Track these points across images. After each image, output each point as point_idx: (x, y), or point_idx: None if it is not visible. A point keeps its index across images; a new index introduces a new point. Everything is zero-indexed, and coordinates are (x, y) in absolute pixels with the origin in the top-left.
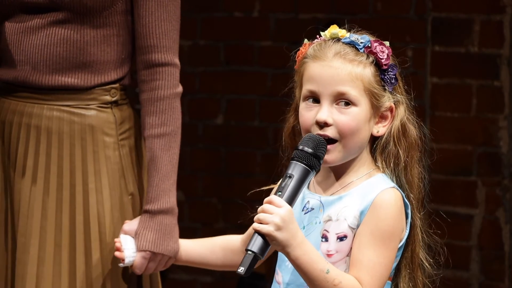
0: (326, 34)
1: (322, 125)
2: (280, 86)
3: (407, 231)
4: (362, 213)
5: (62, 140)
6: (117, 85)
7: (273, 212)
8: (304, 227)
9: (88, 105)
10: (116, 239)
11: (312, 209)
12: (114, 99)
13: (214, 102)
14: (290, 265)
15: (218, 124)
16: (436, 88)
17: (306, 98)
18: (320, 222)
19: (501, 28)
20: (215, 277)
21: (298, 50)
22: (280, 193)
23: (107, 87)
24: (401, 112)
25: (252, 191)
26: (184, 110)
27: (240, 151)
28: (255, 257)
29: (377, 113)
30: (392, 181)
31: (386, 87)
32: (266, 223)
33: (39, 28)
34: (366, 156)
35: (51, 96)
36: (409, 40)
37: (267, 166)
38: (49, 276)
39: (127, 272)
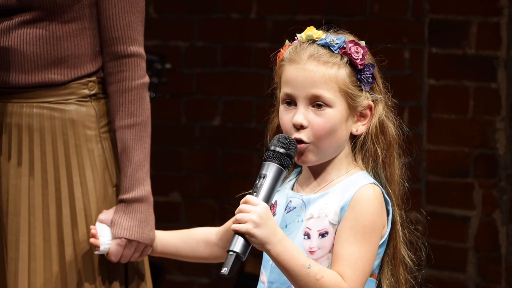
0: (302, 36)
1: (299, 127)
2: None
3: (389, 227)
4: (342, 209)
5: (44, 136)
6: (94, 78)
7: (250, 211)
8: (286, 226)
9: (67, 100)
10: (91, 226)
11: (294, 208)
12: (92, 92)
13: (211, 104)
14: (274, 264)
15: (215, 126)
16: (433, 90)
17: (283, 101)
18: (302, 221)
19: (498, 30)
20: (212, 279)
21: (279, 51)
22: (255, 193)
23: (84, 80)
24: (379, 110)
25: (240, 195)
26: (181, 111)
27: (237, 153)
28: (237, 257)
29: (355, 112)
30: (372, 177)
31: (362, 87)
32: (244, 222)
33: (11, 29)
34: (346, 154)
35: (30, 94)
36: (406, 41)
37: None
38: (40, 271)
39: (114, 264)
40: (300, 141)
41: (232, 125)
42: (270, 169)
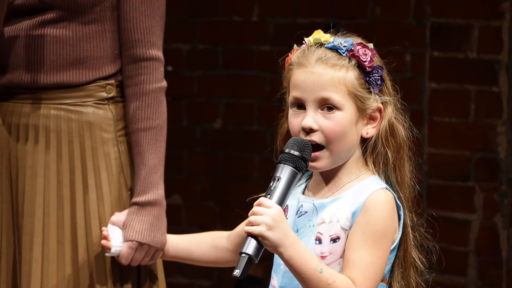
0: (310, 39)
1: (308, 131)
2: (279, 90)
3: (400, 232)
4: (354, 214)
5: (60, 138)
6: (112, 81)
7: (264, 213)
8: (297, 230)
9: (85, 102)
10: (103, 228)
11: (306, 212)
12: (110, 95)
13: (212, 106)
14: (285, 268)
15: (216, 128)
16: (434, 93)
17: (292, 105)
18: (313, 225)
19: (499, 34)
20: (212, 281)
21: (287, 56)
22: (269, 195)
23: (102, 83)
24: (389, 112)
25: (251, 198)
26: (182, 114)
27: (238, 155)
28: (250, 259)
29: (364, 115)
30: (383, 181)
31: (371, 89)
32: (257, 224)
33: (31, 29)
34: (357, 158)
35: (48, 95)
36: (408, 45)
37: (265, 170)
38: (53, 273)
39: (127, 267)
40: (314, 145)
41: (233, 127)
42: (284, 172)
